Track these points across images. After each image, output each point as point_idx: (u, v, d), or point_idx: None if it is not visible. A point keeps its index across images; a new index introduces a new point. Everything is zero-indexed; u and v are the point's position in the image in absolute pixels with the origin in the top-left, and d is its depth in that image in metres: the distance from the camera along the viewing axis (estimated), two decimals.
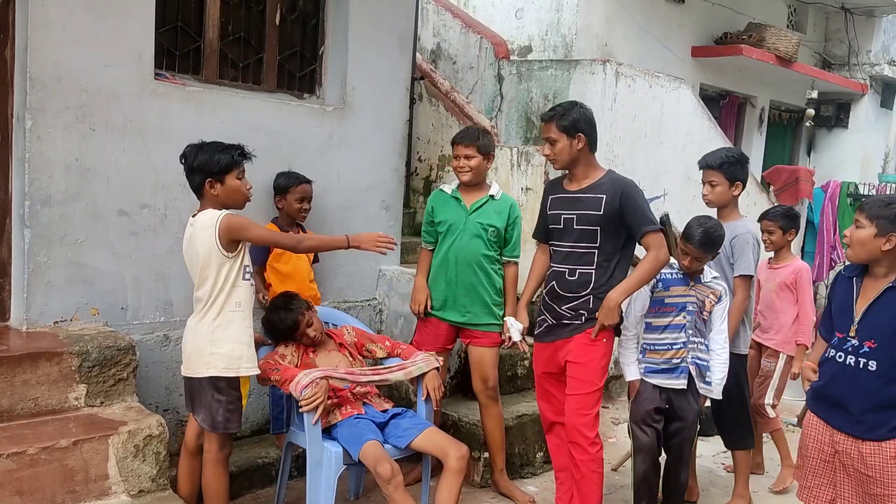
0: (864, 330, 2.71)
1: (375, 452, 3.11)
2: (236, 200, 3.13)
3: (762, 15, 9.26)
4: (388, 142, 4.64)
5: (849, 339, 2.74)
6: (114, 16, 3.46)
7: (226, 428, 3.09)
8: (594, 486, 3.35)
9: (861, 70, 10.87)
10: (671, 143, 6.19)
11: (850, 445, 2.74)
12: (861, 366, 2.70)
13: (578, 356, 3.36)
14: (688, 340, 3.46)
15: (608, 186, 3.34)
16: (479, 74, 6.44)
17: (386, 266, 4.72)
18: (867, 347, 2.69)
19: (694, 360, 3.48)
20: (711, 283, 3.52)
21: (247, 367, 3.09)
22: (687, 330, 3.46)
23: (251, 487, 3.83)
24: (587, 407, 3.34)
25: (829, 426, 2.82)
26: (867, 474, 2.71)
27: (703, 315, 3.49)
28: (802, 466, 2.97)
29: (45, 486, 2.86)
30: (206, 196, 3.08)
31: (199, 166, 3.04)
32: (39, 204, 3.33)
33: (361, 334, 3.75)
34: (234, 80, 4.11)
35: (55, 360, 3.13)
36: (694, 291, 3.49)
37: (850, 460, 2.75)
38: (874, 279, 2.74)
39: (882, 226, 2.64)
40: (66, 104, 3.36)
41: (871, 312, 2.71)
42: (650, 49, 7.93)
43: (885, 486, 2.67)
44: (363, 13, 4.44)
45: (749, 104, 9.81)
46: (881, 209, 2.65)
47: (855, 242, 2.72)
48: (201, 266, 3.02)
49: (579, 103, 3.44)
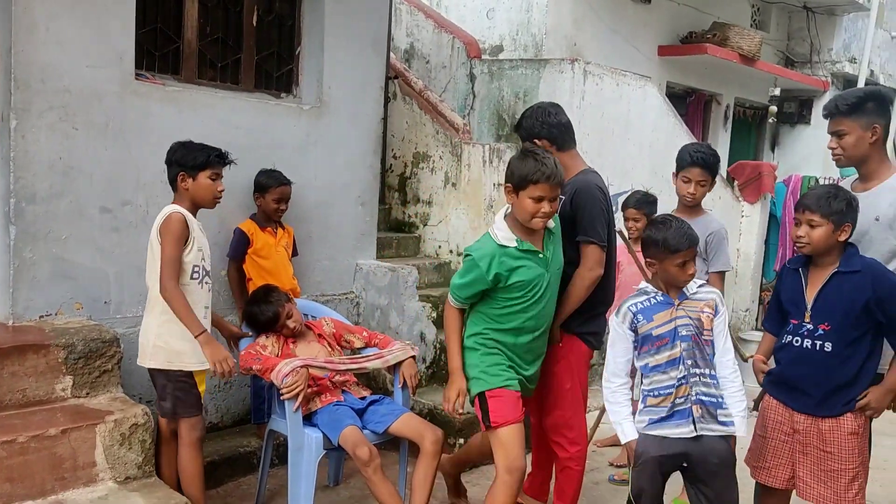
0: (817, 314, 2.87)
1: (355, 437, 3.25)
2: (204, 198, 3.27)
3: (726, 14, 9.51)
4: (363, 140, 4.78)
5: (804, 325, 2.89)
6: (95, 18, 3.56)
7: (175, 414, 3.23)
8: (571, 481, 3.41)
9: (823, 67, 11.17)
10: (638, 139, 6.38)
11: (809, 424, 2.90)
12: (818, 348, 2.85)
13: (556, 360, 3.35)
14: (688, 374, 2.82)
15: (569, 188, 3.22)
16: (451, 73, 6.59)
17: (363, 260, 4.86)
18: (822, 330, 2.85)
19: (698, 397, 2.82)
20: (700, 294, 2.90)
21: (189, 363, 3.19)
22: (685, 361, 2.82)
23: (233, 476, 3.96)
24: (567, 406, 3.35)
25: (788, 408, 2.97)
26: (825, 450, 2.86)
27: (706, 337, 2.85)
28: (759, 448, 3.09)
29: (34, 474, 2.97)
30: (179, 189, 3.23)
31: (177, 159, 3.20)
32: (24, 201, 3.42)
33: (340, 325, 3.88)
34: (213, 80, 4.22)
35: (42, 353, 3.24)
36: (683, 310, 2.86)
37: (810, 439, 2.90)
38: (820, 267, 2.89)
39: (836, 220, 2.79)
40: (49, 104, 3.45)
41: (822, 297, 2.86)
42: (618, 48, 8.12)
43: (843, 460, 2.84)
44: (338, 15, 4.56)
45: (715, 101, 10.07)
46: (831, 204, 2.79)
47: (815, 241, 2.82)
48: (151, 258, 3.17)
49: (537, 105, 3.38)
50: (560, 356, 3.34)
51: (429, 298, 4.88)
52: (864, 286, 2.79)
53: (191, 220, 3.20)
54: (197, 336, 3.11)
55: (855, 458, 2.85)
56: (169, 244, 3.09)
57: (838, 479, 2.86)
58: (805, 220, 2.84)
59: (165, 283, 3.10)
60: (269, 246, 4.13)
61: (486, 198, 5.38)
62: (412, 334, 4.62)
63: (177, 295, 3.10)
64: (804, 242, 2.85)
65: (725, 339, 2.91)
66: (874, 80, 11.72)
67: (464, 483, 3.87)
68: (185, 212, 3.17)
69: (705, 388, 2.83)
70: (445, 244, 5.64)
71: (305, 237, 4.50)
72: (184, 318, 3.11)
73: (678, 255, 2.79)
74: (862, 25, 11.26)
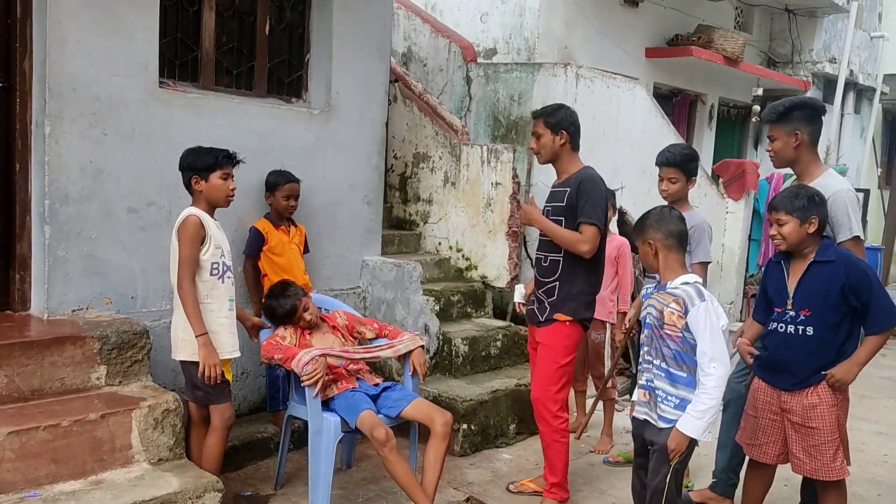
0: (798, 302, 3.17)
1: (371, 420, 3.50)
2: (218, 198, 3.50)
3: (711, 17, 9.81)
4: (368, 142, 5.02)
5: (787, 312, 3.20)
6: (122, 30, 3.78)
7: (207, 401, 3.48)
8: (559, 455, 3.79)
9: (804, 68, 11.51)
10: (627, 139, 6.66)
11: (795, 402, 3.18)
12: (800, 332, 3.16)
13: (542, 337, 3.80)
14: (643, 359, 3.07)
15: (574, 180, 3.70)
16: (448, 76, 6.84)
17: (369, 257, 5.11)
18: (803, 316, 3.15)
19: (647, 383, 3.03)
20: (674, 290, 2.94)
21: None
22: (644, 346, 3.07)
23: (252, 459, 4.20)
24: (550, 383, 3.74)
25: (776, 389, 3.26)
26: (809, 426, 3.15)
27: (668, 331, 2.93)
28: (751, 427, 3.38)
29: (76, 456, 3.20)
30: (194, 192, 3.47)
31: (188, 164, 3.46)
32: (58, 203, 3.65)
33: (352, 318, 4.14)
34: (229, 86, 4.45)
35: (79, 344, 3.46)
36: (654, 300, 3.02)
37: (797, 417, 3.19)
38: (800, 259, 3.19)
39: (800, 215, 3.09)
40: (80, 112, 3.68)
41: (802, 285, 3.16)
42: (607, 51, 8.40)
43: (825, 433, 3.13)
44: (345, 23, 4.81)
45: (700, 101, 10.38)
46: (797, 202, 3.10)
47: (786, 236, 3.13)
48: (173, 258, 3.41)
49: (567, 106, 3.83)
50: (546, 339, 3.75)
51: (431, 292, 5.14)
52: (838, 273, 3.08)
53: (207, 220, 3.42)
54: (197, 336, 3.31)
55: (834, 429, 3.14)
56: (185, 245, 3.33)
57: (825, 453, 3.14)
58: (774, 219, 3.16)
59: (181, 281, 3.34)
60: (282, 243, 4.37)
61: (484, 196, 5.64)
62: (417, 326, 4.88)
63: (189, 293, 3.33)
64: (779, 240, 3.17)
65: (704, 340, 2.84)
66: (854, 80, 12.09)
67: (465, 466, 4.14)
68: (200, 213, 3.40)
69: (656, 379, 2.98)
70: (445, 241, 5.90)
71: (315, 235, 4.74)
72: (191, 317, 3.32)
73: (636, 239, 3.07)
74: (841, 27, 11.62)
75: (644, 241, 3.05)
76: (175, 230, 3.39)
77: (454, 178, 5.80)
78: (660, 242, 3.01)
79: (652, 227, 3.03)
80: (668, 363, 2.95)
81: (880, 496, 4.30)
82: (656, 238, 3.01)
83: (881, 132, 13.99)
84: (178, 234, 3.37)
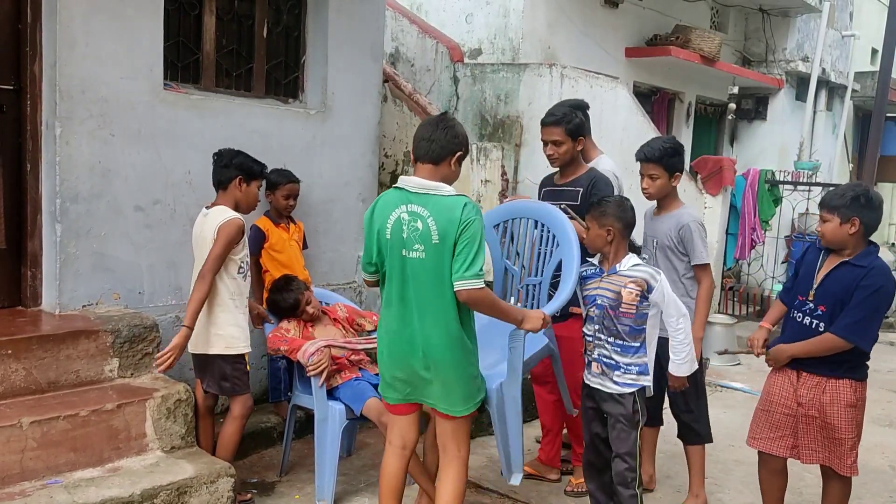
0: (819, 295, 3.20)
1: (378, 406, 3.66)
2: (251, 204, 3.70)
3: (688, 17, 10.07)
4: (363, 141, 5.18)
5: (808, 302, 3.24)
6: (128, 34, 3.91)
7: (234, 391, 3.65)
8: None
9: (777, 66, 11.81)
10: (610, 137, 6.85)
11: (812, 397, 3.21)
12: (814, 326, 3.19)
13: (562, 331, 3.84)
14: (594, 336, 3.27)
15: (586, 180, 3.87)
16: (435, 76, 7.01)
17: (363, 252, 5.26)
18: (820, 311, 3.19)
19: (600, 357, 3.26)
20: (629, 272, 3.19)
21: (242, 346, 3.64)
22: (595, 324, 3.26)
23: (256, 448, 4.35)
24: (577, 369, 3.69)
25: (793, 382, 3.27)
26: (827, 422, 3.18)
27: (624, 310, 3.17)
28: (759, 421, 3.40)
29: (94, 444, 3.34)
30: (229, 191, 3.61)
31: (238, 164, 3.61)
32: (69, 201, 3.77)
33: (352, 311, 4.30)
34: (229, 87, 4.58)
35: (92, 338, 3.60)
36: (607, 283, 3.23)
37: (814, 411, 3.21)
38: (835, 255, 3.20)
39: (843, 214, 3.09)
40: (89, 113, 3.80)
41: (827, 281, 3.19)
42: (589, 50, 8.62)
43: (842, 430, 3.17)
44: (339, 25, 4.95)
45: (678, 99, 10.64)
46: (838, 200, 3.10)
47: (827, 234, 3.17)
48: (200, 253, 3.56)
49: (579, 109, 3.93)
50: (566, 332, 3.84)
51: None
52: (858, 277, 3.08)
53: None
54: (186, 326, 3.39)
55: (852, 428, 3.20)
56: (222, 244, 3.46)
57: (841, 446, 3.20)
58: (820, 216, 3.20)
59: (206, 273, 3.46)
60: (283, 240, 4.51)
61: (474, 193, 5.81)
62: None
63: (205, 287, 3.46)
64: (820, 236, 3.22)
65: (669, 306, 3.18)
66: (826, 78, 12.41)
67: None
68: (242, 218, 3.56)
69: (607, 352, 3.22)
70: None
71: (312, 231, 4.89)
72: (192, 305, 3.42)
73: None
74: (814, 26, 11.92)
75: (602, 225, 3.20)
76: (215, 227, 3.48)
77: None
78: (617, 231, 3.19)
79: (613, 216, 3.19)
80: (624, 338, 3.19)
81: (865, 484, 4.50)
82: (616, 227, 3.19)
83: (852, 128, 14.35)
84: (219, 232, 3.47)
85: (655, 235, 3.83)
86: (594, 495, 3.44)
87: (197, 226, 3.67)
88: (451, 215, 2.78)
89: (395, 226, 2.89)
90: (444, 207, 2.81)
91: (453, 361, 2.90)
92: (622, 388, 3.21)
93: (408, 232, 2.85)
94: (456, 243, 2.78)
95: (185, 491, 3.26)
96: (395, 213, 2.90)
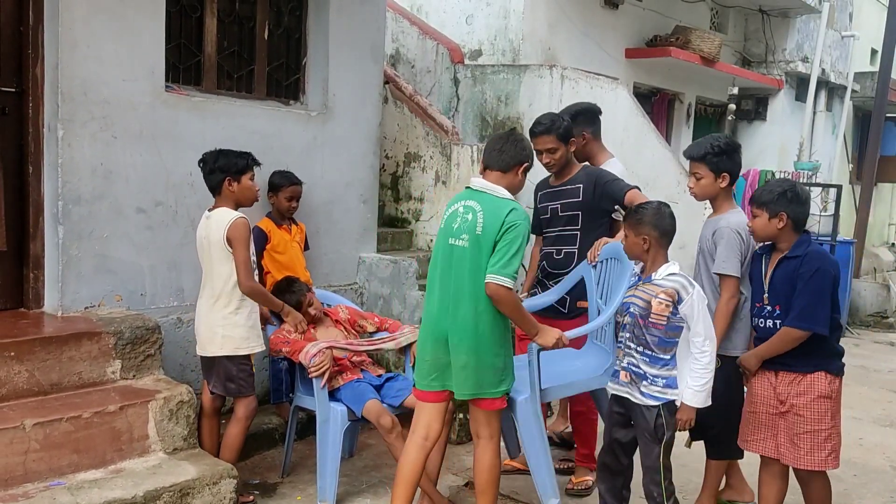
0: (772, 296, 3.27)
1: (377, 408, 3.67)
2: (248, 198, 3.69)
3: (688, 18, 10.07)
4: (364, 142, 5.19)
5: (765, 307, 3.30)
6: (130, 35, 3.91)
7: (239, 392, 3.66)
8: (593, 428, 4.10)
9: (777, 67, 11.82)
10: (610, 137, 6.81)
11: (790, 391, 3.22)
12: (776, 327, 3.24)
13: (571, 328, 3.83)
14: (624, 344, 3.22)
15: (583, 178, 3.96)
16: (436, 78, 7.01)
17: (365, 254, 5.28)
18: (777, 311, 3.24)
19: (629, 365, 3.19)
20: (662, 281, 3.11)
21: (252, 346, 3.68)
22: (626, 332, 3.21)
23: (258, 449, 4.35)
24: None
25: (772, 382, 3.28)
26: (798, 414, 3.20)
27: (653, 320, 3.09)
28: (746, 422, 3.41)
29: (97, 446, 3.34)
30: (224, 193, 3.61)
31: (221, 167, 3.59)
32: (71, 203, 3.78)
33: (354, 312, 4.30)
34: (230, 89, 4.59)
35: (95, 339, 3.60)
36: (640, 291, 3.17)
37: (786, 405, 3.23)
38: (778, 253, 3.31)
39: (771, 209, 3.21)
40: (91, 115, 3.81)
41: (774, 280, 3.26)
42: (589, 51, 8.62)
43: (814, 422, 3.18)
44: (340, 27, 4.96)
45: (678, 100, 10.64)
46: (767, 196, 3.22)
47: (757, 229, 3.29)
48: (214, 259, 3.56)
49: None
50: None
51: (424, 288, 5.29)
52: (796, 268, 3.18)
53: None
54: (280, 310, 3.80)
55: (826, 420, 3.19)
56: (241, 247, 3.49)
57: (813, 438, 3.18)
58: (751, 211, 3.32)
59: (245, 282, 3.52)
60: (284, 242, 4.52)
61: None
62: (413, 320, 5.03)
63: (258, 288, 3.61)
64: (752, 232, 3.33)
65: (697, 322, 3.05)
66: (825, 79, 12.42)
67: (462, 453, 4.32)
68: (246, 216, 3.57)
69: (635, 361, 3.15)
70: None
71: (314, 232, 4.90)
72: (269, 304, 3.77)
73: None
74: (814, 27, 11.93)
75: (639, 233, 3.15)
76: (223, 233, 3.50)
77: (445, 177, 5.97)
78: (654, 239, 3.14)
79: (650, 224, 3.14)
80: (652, 349, 3.12)
81: (856, 476, 4.53)
82: (652, 235, 3.13)
83: (852, 129, 14.36)
84: (231, 238, 3.49)
85: (700, 239, 3.67)
86: (603, 497, 3.42)
87: (201, 229, 3.68)
88: (499, 213, 3.03)
89: (451, 216, 3.17)
90: (494, 206, 3.07)
91: (479, 348, 3.08)
92: (647, 399, 3.13)
93: (459, 222, 3.11)
94: (497, 241, 3.01)
95: (188, 492, 3.27)
96: (455, 206, 3.19)
